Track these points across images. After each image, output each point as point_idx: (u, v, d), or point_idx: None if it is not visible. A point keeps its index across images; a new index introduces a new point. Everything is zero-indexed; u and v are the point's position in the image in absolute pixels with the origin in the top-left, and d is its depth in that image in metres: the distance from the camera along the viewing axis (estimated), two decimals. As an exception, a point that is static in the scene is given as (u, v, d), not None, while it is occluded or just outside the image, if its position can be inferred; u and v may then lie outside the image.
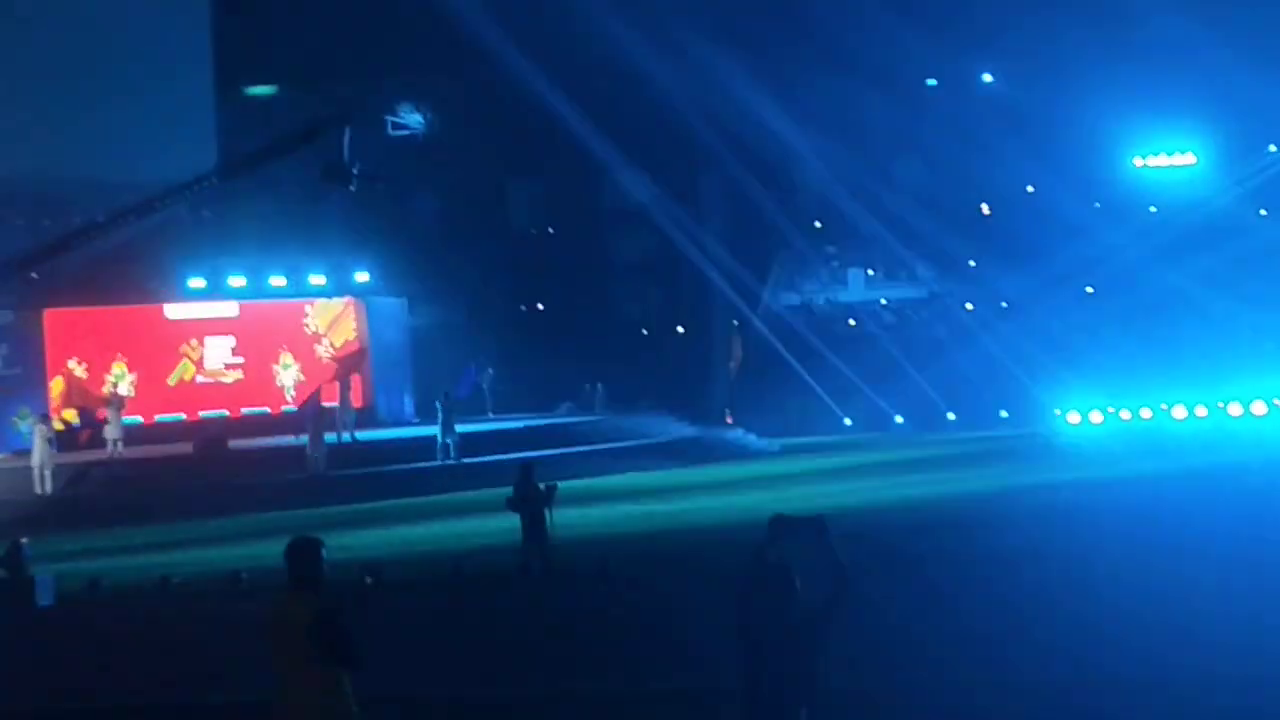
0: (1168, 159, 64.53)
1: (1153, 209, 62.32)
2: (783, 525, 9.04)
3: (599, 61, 58.74)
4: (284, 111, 51.47)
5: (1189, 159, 64.16)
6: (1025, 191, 66.54)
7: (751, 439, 53.72)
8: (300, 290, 49.62)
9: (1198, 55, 58.54)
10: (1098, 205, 62.37)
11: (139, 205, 19.48)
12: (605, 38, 58.19)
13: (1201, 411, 47.49)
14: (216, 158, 46.89)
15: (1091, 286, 60.19)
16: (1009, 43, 64.90)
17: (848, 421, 58.33)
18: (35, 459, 36.60)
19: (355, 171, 17.66)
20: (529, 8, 56.14)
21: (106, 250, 43.26)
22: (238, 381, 47.56)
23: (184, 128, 44.82)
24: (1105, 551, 21.36)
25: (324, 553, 9.77)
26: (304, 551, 9.73)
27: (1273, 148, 60.82)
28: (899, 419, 57.41)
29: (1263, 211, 59.58)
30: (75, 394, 45.04)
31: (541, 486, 23.21)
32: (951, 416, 56.84)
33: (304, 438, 39.49)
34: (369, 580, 9.77)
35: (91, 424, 42.93)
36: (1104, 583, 18.59)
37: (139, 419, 43.83)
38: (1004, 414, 56.37)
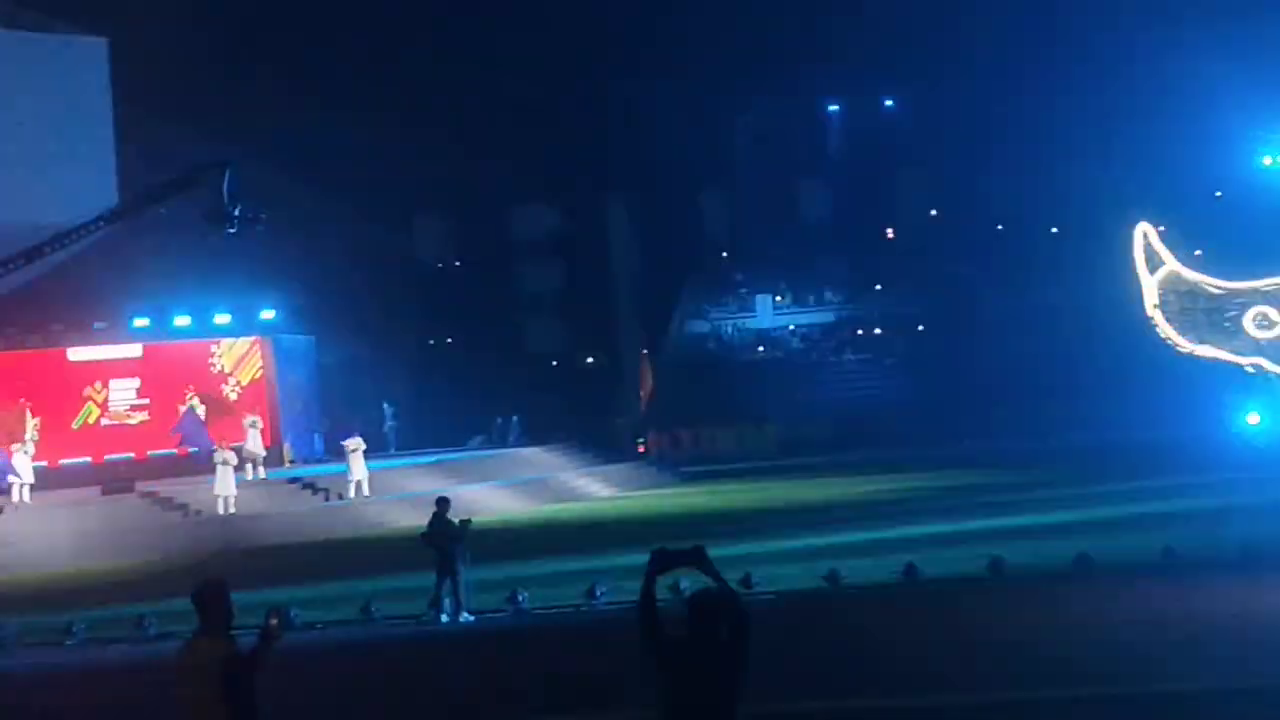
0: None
1: (1054, 230, 63.05)
2: (664, 558, 9.05)
3: (504, 93, 58.76)
4: (184, 151, 50.98)
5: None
6: (929, 215, 67.17)
7: (663, 467, 53.74)
8: (205, 330, 49.09)
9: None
10: (1000, 228, 63.06)
11: (29, 251, 19.29)
12: (510, 68, 58.27)
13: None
14: (118, 199, 46.35)
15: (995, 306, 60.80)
16: (911, 67, 65.58)
17: (762, 447, 58.46)
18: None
19: (235, 214, 17.78)
20: (433, 41, 56.07)
21: (6, 294, 42.70)
22: (143, 423, 46.97)
23: (87, 169, 44.22)
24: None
25: (231, 595, 9.69)
26: (212, 595, 9.65)
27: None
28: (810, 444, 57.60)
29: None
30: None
31: (455, 522, 23.11)
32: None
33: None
34: (274, 622, 9.65)
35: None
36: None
37: (44, 464, 43.13)
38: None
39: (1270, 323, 18.08)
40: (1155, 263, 18.40)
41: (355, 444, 41.78)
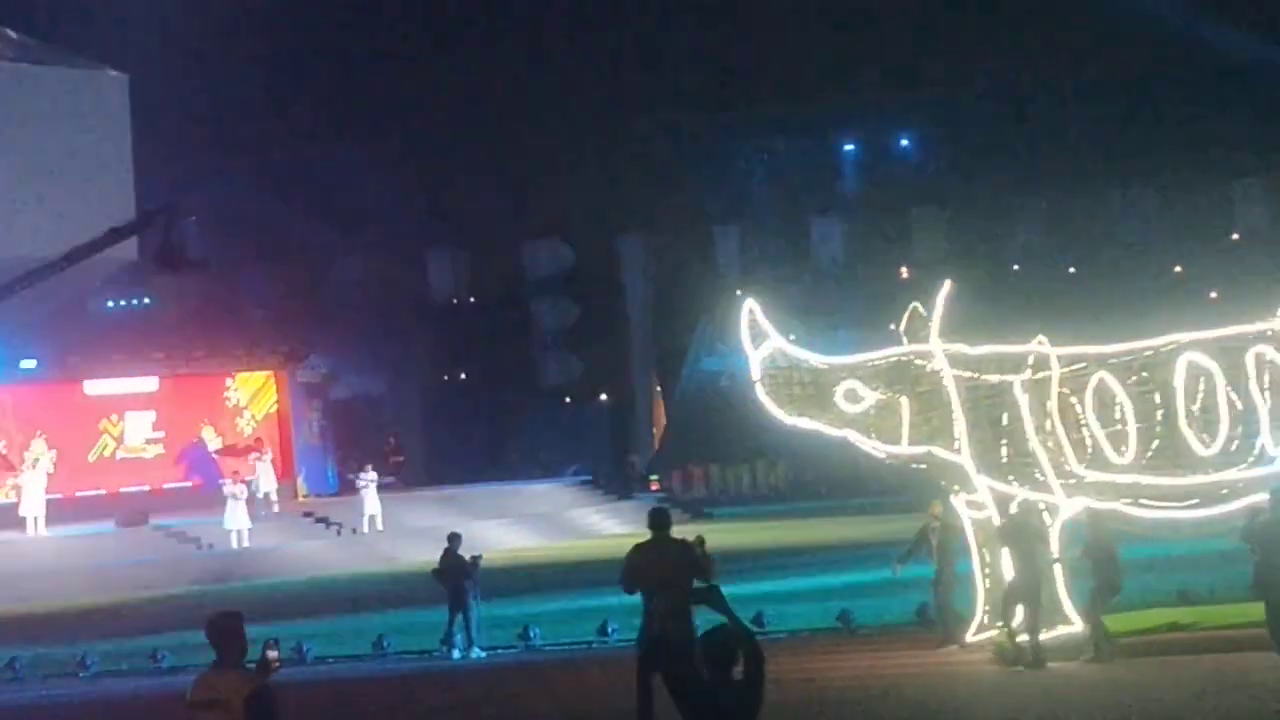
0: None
1: (1072, 270, 63.05)
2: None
3: (517, 127, 58.96)
4: (201, 183, 51.22)
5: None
6: (944, 253, 67.03)
7: (676, 504, 53.61)
8: (221, 364, 49.27)
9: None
10: (1016, 268, 63.07)
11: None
12: (524, 104, 58.50)
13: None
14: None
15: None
16: (925, 107, 65.76)
17: (773, 486, 58.34)
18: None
19: (185, 257, 18.63)
20: (448, 76, 56.32)
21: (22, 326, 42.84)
22: (159, 456, 47.08)
23: (108, 203, 44.33)
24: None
25: (245, 629, 9.72)
26: (227, 627, 9.66)
27: None
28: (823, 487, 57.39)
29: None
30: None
31: (466, 557, 23.16)
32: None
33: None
34: (273, 654, 9.69)
35: None
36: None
37: (59, 495, 43.20)
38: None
39: (858, 398, 18.68)
40: (760, 338, 18.98)
41: (367, 478, 42.09)
